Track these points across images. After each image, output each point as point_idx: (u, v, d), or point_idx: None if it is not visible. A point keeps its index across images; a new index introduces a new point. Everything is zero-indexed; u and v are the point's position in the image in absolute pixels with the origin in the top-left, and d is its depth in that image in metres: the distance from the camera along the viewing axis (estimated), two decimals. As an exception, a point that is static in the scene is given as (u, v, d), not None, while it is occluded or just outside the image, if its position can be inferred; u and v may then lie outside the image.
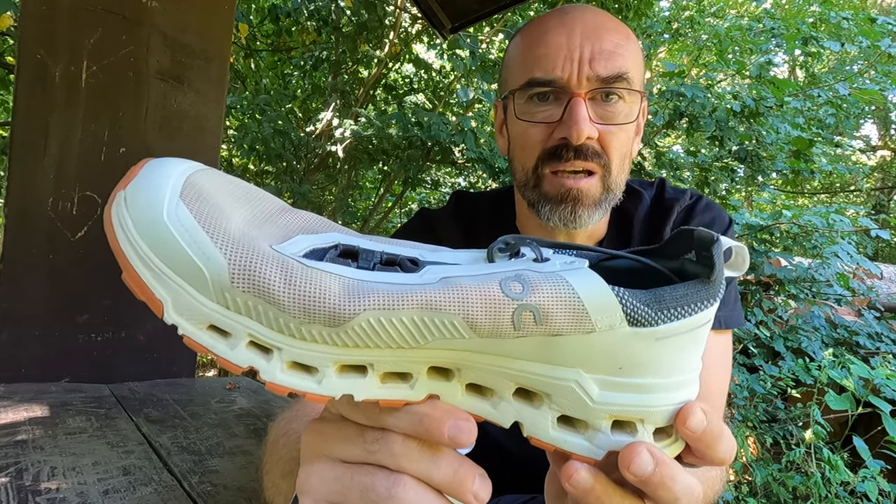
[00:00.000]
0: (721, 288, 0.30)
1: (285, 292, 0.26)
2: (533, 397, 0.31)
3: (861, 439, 2.05)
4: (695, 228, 0.32)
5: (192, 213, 0.26)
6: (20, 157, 1.06)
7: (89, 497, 0.61)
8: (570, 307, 0.28)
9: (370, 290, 0.27)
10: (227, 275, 0.26)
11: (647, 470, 0.29)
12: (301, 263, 0.27)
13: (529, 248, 0.31)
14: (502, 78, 0.76)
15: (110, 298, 1.16)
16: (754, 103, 3.16)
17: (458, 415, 0.29)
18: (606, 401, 0.30)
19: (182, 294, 0.26)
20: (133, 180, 0.27)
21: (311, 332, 0.27)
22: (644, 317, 0.29)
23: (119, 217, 0.26)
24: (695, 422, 0.30)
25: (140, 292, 0.27)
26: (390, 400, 0.29)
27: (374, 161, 3.85)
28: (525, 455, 0.75)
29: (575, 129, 0.63)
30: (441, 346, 0.28)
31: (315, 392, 0.28)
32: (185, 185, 0.27)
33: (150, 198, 0.26)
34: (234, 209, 0.28)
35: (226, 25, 1.32)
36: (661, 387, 0.30)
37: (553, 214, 0.67)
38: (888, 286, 3.67)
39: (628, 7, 3.60)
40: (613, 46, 0.65)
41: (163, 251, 0.26)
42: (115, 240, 0.27)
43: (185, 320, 0.27)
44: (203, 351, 0.27)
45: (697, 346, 0.31)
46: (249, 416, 0.98)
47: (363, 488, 0.30)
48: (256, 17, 3.84)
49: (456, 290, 0.28)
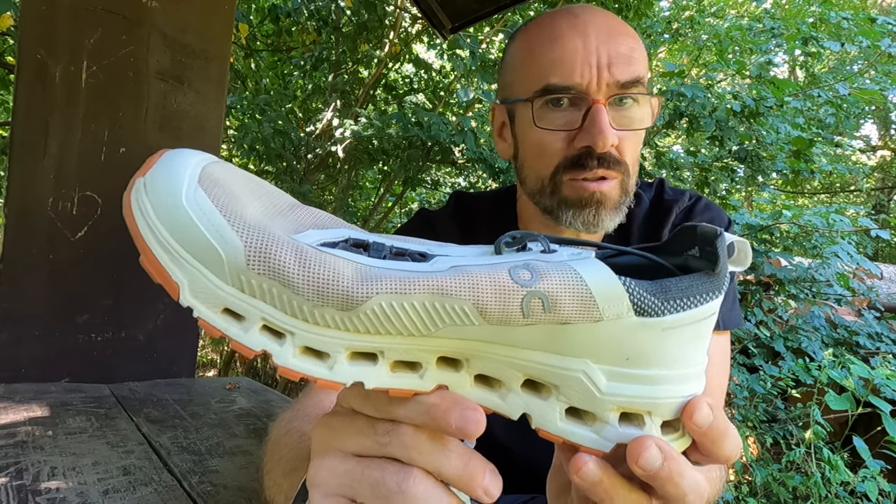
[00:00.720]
0: (725, 281, 0.31)
1: (299, 274, 0.27)
2: (541, 389, 0.31)
3: (861, 439, 2.05)
4: (698, 224, 0.32)
5: (209, 198, 0.27)
6: (20, 157, 1.06)
7: (89, 497, 0.61)
8: (578, 295, 0.29)
9: (382, 275, 0.28)
10: (244, 257, 0.27)
11: (655, 464, 0.29)
12: (315, 248, 0.28)
13: (537, 242, 0.31)
14: (504, 81, 0.74)
15: (110, 298, 1.16)
16: (754, 103, 3.16)
17: (465, 404, 0.29)
18: (614, 392, 0.30)
19: (199, 277, 0.27)
20: (152, 167, 0.27)
21: (323, 317, 0.27)
22: (650, 306, 0.29)
23: (138, 202, 0.27)
24: (701, 416, 0.30)
25: (157, 275, 0.27)
26: (400, 389, 0.29)
27: (374, 161, 3.85)
28: (526, 455, 0.75)
29: (601, 138, 0.62)
30: (451, 335, 0.29)
31: (327, 378, 0.28)
32: (203, 173, 0.28)
33: (170, 183, 0.27)
34: (248, 200, 0.29)
35: (226, 25, 1.32)
36: (667, 378, 0.30)
37: (576, 219, 0.67)
38: (888, 286, 3.67)
39: (628, 7, 3.60)
40: (629, 50, 0.65)
41: (181, 234, 0.27)
42: (133, 224, 0.27)
43: (200, 303, 0.27)
44: (217, 334, 0.27)
45: (702, 339, 0.31)
46: (249, 416, 0.98)
47: (374, 482, 0.30)
48: (256, 17, 3.83)
49: (466, 277, 0.28)
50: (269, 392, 1.17)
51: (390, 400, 0.31)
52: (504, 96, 0.74)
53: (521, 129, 0.71)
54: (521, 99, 0.69)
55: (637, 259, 0.34)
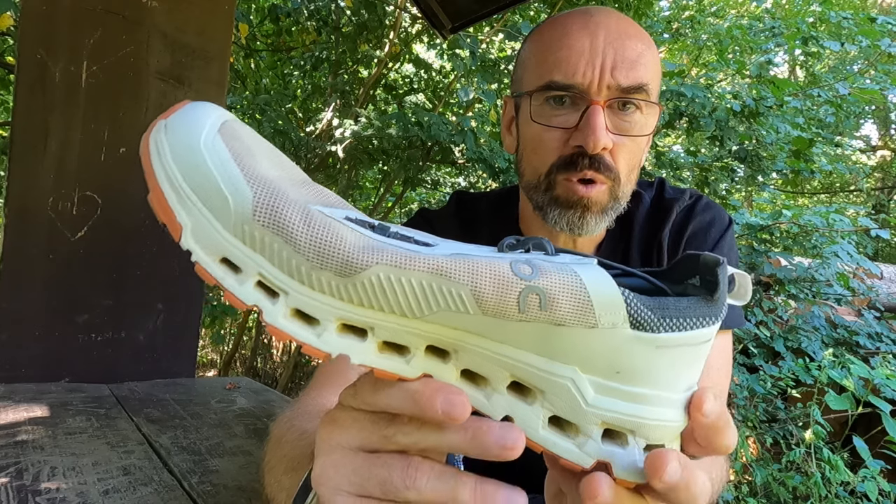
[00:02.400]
0: (723, 309, 0.30)
1: (303, 233, 0.27)
2: (527, 393, 0.31)
3: (861, 439, 2.05)
4: (701, 253, 0.32)
5: (227, 147, 0.28)
6: (20, 157, 1.06)
7: (89, 497, 0.61)
8: (576, 297, 0.28)
9: (384, 248, 0.28)
10: (251, 207, 0.27)
11: (675, 477, 0.29)
12: (322, 213, 0.28)
13: (542, 247, 0.31)
14: (517, 74, 0.75)
15: (110, 298, 1.16)
16: (754, 103, 3.16)
17: (449, 389, 0.29)
18: (600, 405, 0.30)
19: (203, 221, 0.27)
20: (176, 112, 0.28)
21: (319, 280, 0.27)
22: (647, 321, 0.29)
23: (156, 141, 0.27)
24: (710, 406, 0.30)
25: (163, 214, 0.27)
26: (384, 371, 0.29)
27: (374, 161, 3.85)
28: (525, 455, 0.75)
29: (592, 139, 0.62)
30: (443, 321, 0.28)
31: (313, 345, 0.28)
32: (225, 125, 0.29)
33: (190, 127, 0.27)
34: (264, 160, 0.29)
35: (226, 25, 1.32)
36: (656, 399, 0.30)
37: (561, 219, 0.67)
38: (888, 286, 3.67)
39: (628, 7, 3.60)
40: (636, 56, 0.64)
41: (193, 176, 0.27)
42: (148, 162, 0.28)
43: (200, 248, 0.27)
44: (212, 281, 0.28)
45: (695, 364, 0.31)
46: (249, 416, 0.98)
47: (381, 480, 0.30)
48: (256, 17, 3.83)
49: (467, 263, 0.28)
50: (269, 392, 1.17)
51: (375, 390, 0.31)
52: (514, 90, 0.75)
53: (523, 123, 0.71)
54: (525, 93, 0.69)
55: (639, 282, 0.33)
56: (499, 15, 3.24)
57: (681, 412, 0.31)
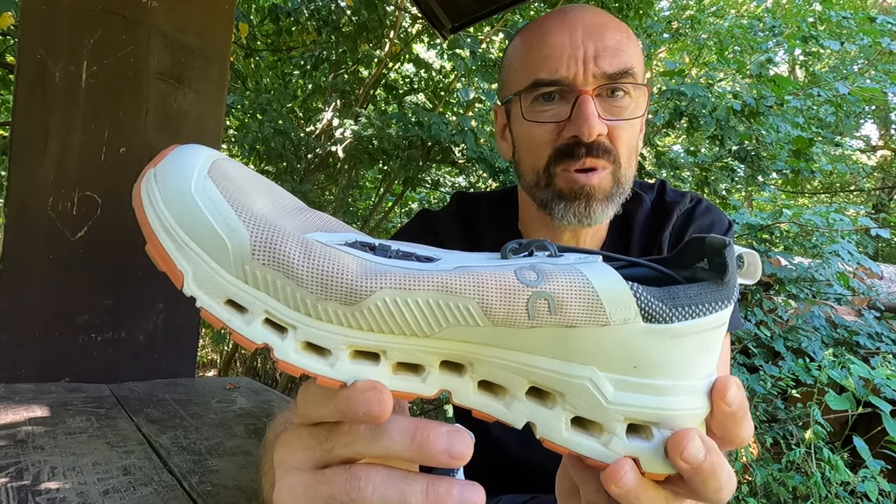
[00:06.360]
0: (735, 290, 0.30)
1: (304, 266, 0.27)
2: (546, 397, 0.30)
3: (861, 439, 2.05)
4: (706, 235, 0.32)
5: (218, 189, 0.27)
6: (20, 157, 1.06)
7: (89, 497, 0.61)
8: (585, 297, 0.28)
9: (388, 271, 0.27)
10: (249, 246, 0.27)
11: (699, 457, 0.28)
12: (321, 243, 0.28)
13: (545, 249, 0.31)
14: (502, 81, 0.76)
15: (110, 298, 1.16)
16: (755, 102, 3.15)
17: (369, 387, 0.27)
18: (622, 401, 0.29)
19: (203, 266, 0.27)
20: (164, 159, 0.28)
21: (326, 311, 0.27)
22: (659, 313, 0.29)
23: (148, 191, 0.27)
24: (733, 393, 0.30)
25: (162, 263, 0.27)
26: (401, 392, 0.29)
27: (374, 161, 3.85)
28: (526, 455, 0.75)
29: (586, 127, 0.63)
30: (455, 336, 0.28)
31: (327, 375, 0.28)
32: (213, 166, 0.28)
33: (180, 173, 0.27)
34: (257, 195, 0.29)
35: (226, 25, 1.32)
36: (676, 389, 0.30)
37: (567, 211, 0.67)
38: (888, 286, 3.67)
39: (628, 6, 3.60)
40: (616, 43, 0.65)
41: (188, 222, 0.27)
42: (142, 212, 0.27)
43: (203, 293, 0.27)
44: (219, 325, 0.27)
45: (712, 350, 0.31)
46: (249, 416, 0.98)
47: (327, 497, 0.29)
48: (256, 17, 3.83)
49: (471, 276, 0.28)
50: (269, 392, 1.17)
51: (306, 401, 0.30)
52: (502, 97, 0.76)
53: (515, 125, 0.72)
54: (513, 95, 0.70)
55: (646, 271, 0.33)
56: (499, 15, 3.23)
57: (704, 398, 0.30)
